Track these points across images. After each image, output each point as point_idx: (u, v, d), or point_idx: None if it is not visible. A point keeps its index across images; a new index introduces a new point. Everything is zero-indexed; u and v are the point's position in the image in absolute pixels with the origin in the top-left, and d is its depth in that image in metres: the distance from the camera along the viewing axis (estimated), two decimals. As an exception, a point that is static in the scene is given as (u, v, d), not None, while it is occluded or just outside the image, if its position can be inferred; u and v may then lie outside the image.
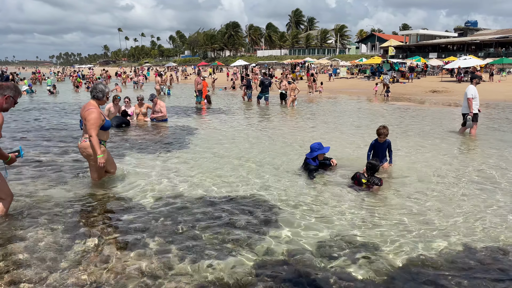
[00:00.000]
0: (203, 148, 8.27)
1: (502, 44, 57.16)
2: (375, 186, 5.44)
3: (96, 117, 5.21)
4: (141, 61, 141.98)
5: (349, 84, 34.38)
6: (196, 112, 15.57)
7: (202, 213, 4.63)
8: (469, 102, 9.58)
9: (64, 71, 70.42)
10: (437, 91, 26.02)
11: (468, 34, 74.60)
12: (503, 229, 4.24)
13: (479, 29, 78.38)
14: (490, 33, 69.20)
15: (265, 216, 4.55)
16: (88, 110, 5.25)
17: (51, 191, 5.39)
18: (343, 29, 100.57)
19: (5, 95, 4.08)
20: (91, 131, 5.16)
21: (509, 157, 7.54)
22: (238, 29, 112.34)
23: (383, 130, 6.33)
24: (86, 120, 5.22)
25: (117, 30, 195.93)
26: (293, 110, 16.18)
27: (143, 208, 4.79)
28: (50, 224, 4.25)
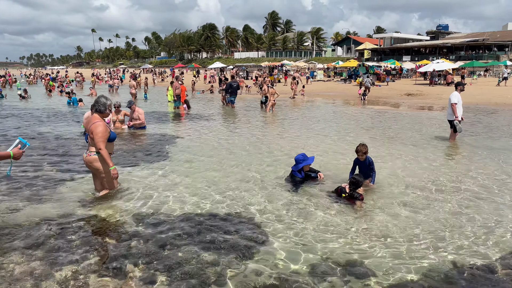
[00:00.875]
0: (183, 159, 8.09)
1: (472, 48, 58.94)
2: (358, 202, 5.40)
3: (103, 130, 5.24)
4: (116, 63, 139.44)
5: (327, 87, 34.68)
6: (175, 118, 15.33)
7: (185, 233, 4.48)
8: (453, 107, 9.75)
9: (36, 73, 68.32)
10: (412, 94, 26.57)
11: (439, 37, 76.56)
12: (492, 243, 4.28)
13: (450, 32, 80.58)
14: (461, 37, 71.25)
15: (250, 235, 4.45)
16: (95, 124, 5.26)
17: (24, 211, 5.12)
18: (319, 31, 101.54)
19: None
20: (100, 144, 5.19)
21: (487, 164, 7.68)
22: (215, 30, 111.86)
23: (360, 147, 6.17)
24: (93, 133, 5.22)
25: (91, 31, 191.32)
26: (273, 115, 16.14)
27: (122, 229, 4.60)
28: (25, 249, 4.02)
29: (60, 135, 10.88)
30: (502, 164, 7.68)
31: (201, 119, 14.79)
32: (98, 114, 5.43)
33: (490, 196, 5.82)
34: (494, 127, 12.83)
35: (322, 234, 4.48)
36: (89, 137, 5.35)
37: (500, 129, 12.30)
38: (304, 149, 8.92)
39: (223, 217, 4.96)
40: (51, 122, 13.66)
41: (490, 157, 8.33)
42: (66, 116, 15.45)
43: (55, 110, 17.64)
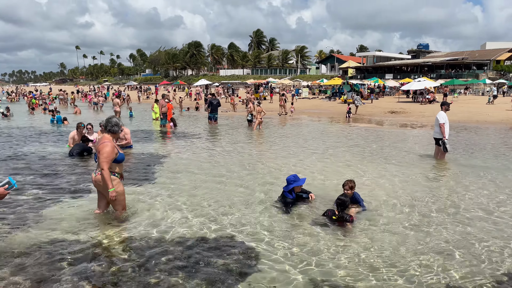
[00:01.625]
0: (171, 180, 8.00)
1: (452, 66, 60.61)
2: (349, 224, 5.41)
3: (109, 151, 5.23)
4: (100, 80, 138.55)
5: (312, 105, 35.06)
6: (161, 137, 15.23)
7: (175, 257, 4.40)
8: (441, 127, 9.93)
9: (18, 90, 67.32)
10: (395, 112, 27.04)
11: (420, 56, 78.59)
12: (484, 266, 4.32)
13: (431, 51, 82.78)
14: (441, 56, 73.24)
15: (240, 258, 4.39)
16: (103, 144, 5.26)
17: (12, 237, 4.97)
18: (304, 50, 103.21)
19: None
20: (103, 165, 5.19)
21: (474, 183, 7.81)
22: (200, 48, 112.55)
23: (345, 182, 6.14)
24: (99, 153, 5.24)
25: (75, 48, 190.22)
26: (260, 133, 16.19)
27: (110, 254, 4.50)
28: (12, 277, 3.89)
29: (45, 155, 10.67)
30: (485, 181, 7.82)
31: (187, 137, 14.72)
32: (110, 135, 5.43)
33: (480, 215, 5.90)
34: (477, 145, 13.10)
35: (313, 258, 4.45)
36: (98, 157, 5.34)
37: (484, 147, 12.57)
38: (293, 168, 8.95)
39: (211, 239, 4.90)
40: (35, 141, 13.41)
41: (477, 175, 8.48)
42: (50, 135, 15.20)
43: (38, 129, 17.35)
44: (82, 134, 11.42)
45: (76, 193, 6.98)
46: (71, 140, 11.51)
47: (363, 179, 8.14)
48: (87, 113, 26.97)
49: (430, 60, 63.85)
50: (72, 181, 7.89)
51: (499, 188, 7.42)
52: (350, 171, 8.84)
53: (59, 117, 19.05)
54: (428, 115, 24.01)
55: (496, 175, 8.52)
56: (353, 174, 8.54)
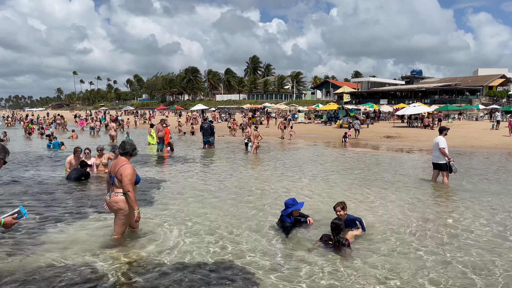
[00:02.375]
0: (168, 206, 7.96)
1: (446, 92, 61.55)
2: (347, 249, 5.37)
3: (132, 173, 5.36)
4: (97, 105, 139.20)
5: (308, 129, 35.30)
6: (158, 161, 15.23)
7: (175, 281, 4.36)
8: (442, 151, 10.02)
9: (14, 115, 67.39)
10: (391, 137, 27.28)
11: (414, 82, 79.83)
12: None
13: (424, 77, 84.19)
14: (434, 81, 74.47)
15: (240, 285, 4.36)
16: (123, 166, 5.36)
17: (8, 262, 4.91)
18: (299, 75, 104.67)
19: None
20: (128, 187, 5.28)
21: (471, 208, 7.84)
22: (197, 73, 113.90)
23: (337, 204, 6.08)
24: (122, 176, 5.30)
25: (72, 73, 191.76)
26: (257, 157, 16.23)
27: (108, 281, 4.45)
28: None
29: (42, 180, 10.62)
30: (488, 209, 7.85)
31: (184, 162, 14.73)
32: (127, 157, 5.57)
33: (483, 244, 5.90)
34: (475, 169, 13.18)
35: (312, 284, 4.42)
36: (116, 179, 5.41)
37: (481, 172, 12.65)
38: (290, 192, 8.95)
39: (210, 265, 4.86)
40: (32, 166, 13.37)
41: (476, 199, 8.52)
42: (47, 160, 15.17)
43: (35, 153, 17.32)
44: (80, 159, 11.42)
45: (74, 218, 6.93)
46: (68, 164, 11.50)
47: (361, 203, 8.15)
48: (83, 137, 26.98)
49: (424, 86, 64.85)
50: (70, 205, 7.85)
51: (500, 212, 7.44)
52: (347, 195, 8.86)
53: (56, 143, 19.02)
54: (423, 140, 24.23)
55: (495, 199, 8.56)
56: (350, 198, 8.55)
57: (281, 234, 6.05)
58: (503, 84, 66.18)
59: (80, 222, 6.67)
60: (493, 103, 53.77)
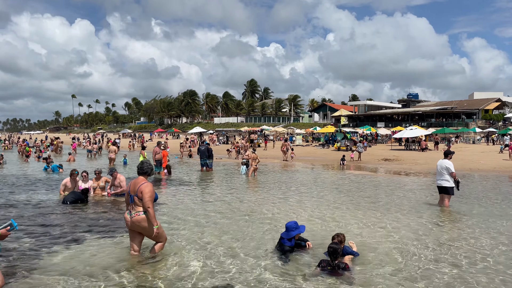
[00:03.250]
0: (166, 230, 7.86)
1: (442, 115, 62.09)
2: (347, 273, 5.27)
3: (152, 190, 5.64)
4: (95, 127, 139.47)
5: (306, 152, 35.31)
6: (155, 184, 15.10)
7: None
8: (454, 176, 9.97)
9: (11, 138, 67.24)
10: (389, 159, 27.27)
11: (410, 105, 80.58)
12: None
13: (420, 100, 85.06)
14: (430, 105, 75.22)
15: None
16: (143, 185, 5.64)
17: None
18: (297, 98, 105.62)
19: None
20: (149, 203, 5.54)
21: (476, 231, 7.76)
22: (195, 97, 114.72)
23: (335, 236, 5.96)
24: (142, 193, 5.56)
25: (71, 97, 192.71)
26: (255, 180, 16.15)
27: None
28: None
29: (38, 203, 10.49)
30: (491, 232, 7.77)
31: (181, 184, 14.63)
32: (143, 176, 5.86)
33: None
34: (474, 192, 13.13)
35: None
36: (136, 198, 5.64)
37: (481, 195, 12.60)
38: (289, 215, 8.86)
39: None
40: (28, 189, 13.24)
41: (482, 224, 8.44)
42: (44, 183, 15.03)
43: (32, 176, 17.18)
44: (76, 182, 11.34)
45: (70, 242, 6.81)
46: (63, 187, 11.40)
47: (361, 226, 8.06)
48: (81, 160, 26.87)
49: (421, 109, 65.46)
50: (65, 229, 7.73)
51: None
52: (347, 219, 8.77)
53: (55, 166, 18.88)
54: (421, 163, 24.24)
55: (493, 222, 8.49)
56: (349, 221, 8.47)
57: (281, 258, 5.94)
58: (498, 107, 66.91)
59: (74, 246, 6.55)
60: (490, 126, 54.15)
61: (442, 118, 61.64)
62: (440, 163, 10.30)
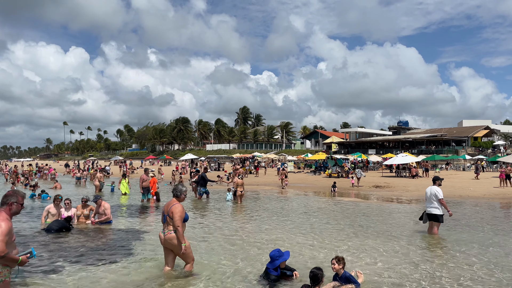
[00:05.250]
0: (151, 259, 7.63)
1: (432, 142, 62.70)
2: None
3: (183, 211, 6.12)
4: (86, 155, 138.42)
5: (298, 179, 35.20)
6: (143, 212, 14.81)
7: None
8: (442, 203, 9.80)
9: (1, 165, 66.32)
10: (380, 186, 27.22)
11: (401, 132, 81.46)
12: None
13: (410, 128, 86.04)
14: (420, 132, 76.08)
15: None
16: (174, 206, 6.12)
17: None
18: (288, 125, 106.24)
19: (8, 203, 4.47)
20: (179, 223, 5.97)
21: (463, 257, 7.64)
22: (188, 124, 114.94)
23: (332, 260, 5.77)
24: (173, 213, 6.02)
25: (63, 124, 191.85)
26: (243, 206, 15.95)
27: None
28: None
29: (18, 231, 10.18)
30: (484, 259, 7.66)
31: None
32: (175, 198, 6.31)
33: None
34: (464, 219, 13.06)
35: None
36: (168, 218, 6.10)
37: (470, 222, 12.53)
38: (277, 243, 8.67)
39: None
40: (10, 216, 12.88)
41: (474, 253, 8.33)
42: (28, 210, 14.68)
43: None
44: (60, 208, 11.08)
45: (48, 272, 6.56)
46: (46, 212, 11.12)
47: (351, 256, 7.91)
48: (68, 187, 26.46)
49: (411, 136, 66.12)
50: (45, 258, 7.46)
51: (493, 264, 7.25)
52: (339, 247, 8.61)
53: (45, 196, 18.38)
54: (412, 190, 24.21)
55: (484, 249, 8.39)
56: (340, 250, 8.31)
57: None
58: (487, 135, 67.84)
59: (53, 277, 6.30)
60: (479, 154, 54.69)
61: (432, 145, 62.22)
62: (429, 189, 10.12)
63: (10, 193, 4.61)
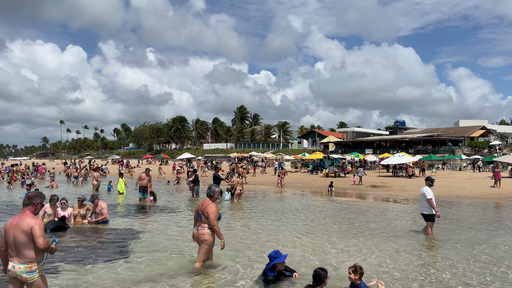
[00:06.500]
0: (148, 258, 7.61)
1: (429, 142, 62.85)
2: None
3: (216, 211, 6.53)
4: (82, 153, 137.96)
5: (295, 178, 35.20)
6: (140, 211, 14.78)
7: None
8: (430, 203, 9.88)
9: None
10: (376, 186, 27.27)
11: (397, 132, 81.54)
12: None
13: (407, 128, 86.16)
14: (417, 132, 76.20)
15: None
16: (208, 205, 6.55)
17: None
18: (286, 125, 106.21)
19: (34, 203, 4.52)
20: (215, 222, 6.46)
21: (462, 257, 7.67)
22: (185, 123, 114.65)
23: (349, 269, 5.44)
24: (208, 213, 6.46)
25: (59, 123, 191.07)
26: (240, 205, 15.95)
27: None
28: None
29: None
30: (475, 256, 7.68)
31: (167, 211, 14.35)
32: (209, 198, 6.68)
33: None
34: (461, 219, 13.10)
35: None
36: (203, 216, 6.53)
37: (470, 221, 12.58)
38: (274, 244, 8.68)
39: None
40: (6, 215, 12.85)
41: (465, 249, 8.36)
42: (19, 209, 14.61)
43: (12, 203, 16.76)
44: (56, 208, 11.04)
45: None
46: (42, 212, 11.07)
47: (352, 255, 7.92)
48: (64, 187, 26.38)
49: (408, 136, 66.22)
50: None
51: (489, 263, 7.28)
52: (338, 248, 8.62)
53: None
54: (408, 190, 24.27)
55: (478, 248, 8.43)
56: (339, 249, 8.32)
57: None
58: (483, 135, 68.06)
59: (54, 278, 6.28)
60: (475, 154, 54.86)
61: (428, 145, 62.36)
62: (421, 190, 10.29)
63: (35, 195, 4.65)
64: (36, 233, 4.26)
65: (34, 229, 4.27)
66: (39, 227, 4.31)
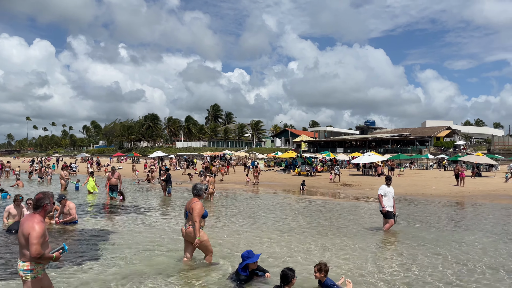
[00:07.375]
0: (118, 260, 7.51)
1: (397, 142, 64.58)
2: None
3: (200, 208, 6.69)
4: (50, 151, 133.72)
5: (268, 177, 35.41)
6: (109, 211, 14.53)
7: None
8: (379, 198, 10.42)
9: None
10: (347, 185, 27.82)
11: (368, 132, 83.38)
12: None
13: (377, 127, 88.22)
14: (386, 132, 78.14)
15: None
16: (195, 203, 6.74)
17: None
18: (259, 124, 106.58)
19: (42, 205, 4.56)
20: (196, 218, 6.58)
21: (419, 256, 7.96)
22: (157, 120, 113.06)
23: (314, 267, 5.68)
24: (193, 209, 6.62)
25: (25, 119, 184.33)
26: (212, 204, 15.97)
27: None
28: None
29: (-23, 232, 9.78)
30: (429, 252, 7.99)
31: (137, 211, 14.17)
32: (196, 197, 6.89)
33: None
34: (424, 216, 13.57)
35: None
36: (189, 214, 6.70)
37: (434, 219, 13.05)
38: (247, 244, 8.74)
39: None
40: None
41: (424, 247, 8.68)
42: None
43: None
44: (21, 208, 10.70)
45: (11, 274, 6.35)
46: (6, 213, 10.72)
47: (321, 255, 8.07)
48: (31, 186, 25.55)
49: (377, 136, 67.79)
50: (8, 259, 7.22)
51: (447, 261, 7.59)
52: (311, 247, 8.76)
53: (5, 195, 17.66)
54: (377, 188, 24.80)
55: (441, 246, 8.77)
56: (312, 249, 8.46)
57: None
58: (449, 135, 70.57)
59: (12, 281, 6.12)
60: (441, 153, 56.79)
61: (397, 144, 64.07)
62: None
63: (41, 196, 4.65)
64: (31, 241, 4.30)
65: (31, 236, 4.32)
66: (36, 235, 4.32)
